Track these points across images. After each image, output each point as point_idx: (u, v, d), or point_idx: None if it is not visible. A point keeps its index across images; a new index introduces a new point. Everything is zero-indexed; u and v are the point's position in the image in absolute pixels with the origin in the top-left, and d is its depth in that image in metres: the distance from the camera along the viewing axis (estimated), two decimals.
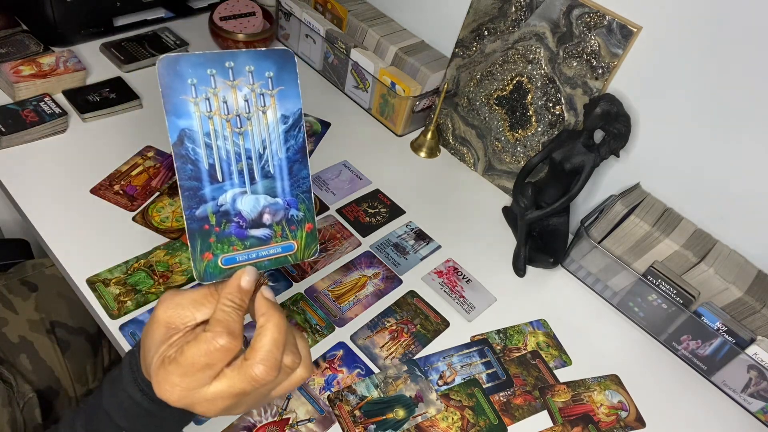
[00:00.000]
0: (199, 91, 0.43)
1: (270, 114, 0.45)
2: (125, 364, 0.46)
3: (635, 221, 0.78)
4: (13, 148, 0.82)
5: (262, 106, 0.45)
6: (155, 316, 0.43)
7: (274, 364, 0.40)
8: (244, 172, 0.45)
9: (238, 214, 0.45)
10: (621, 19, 0.76)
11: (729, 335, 0.73)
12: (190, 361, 0.39)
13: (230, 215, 0.44)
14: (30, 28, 0.99)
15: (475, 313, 0.79)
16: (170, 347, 0.41)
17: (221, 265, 0.45)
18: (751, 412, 0.76)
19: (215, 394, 0.40)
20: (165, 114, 0.42)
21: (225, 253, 0.45)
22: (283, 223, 0.46)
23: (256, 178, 0.45)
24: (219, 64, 0.43)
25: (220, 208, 0.44)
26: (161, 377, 0.40)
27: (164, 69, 0.41)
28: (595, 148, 0.80)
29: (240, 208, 0.45)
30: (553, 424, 0.69)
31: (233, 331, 0.40)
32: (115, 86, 0.94)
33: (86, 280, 0.69)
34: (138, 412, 0.45)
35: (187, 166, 0.43)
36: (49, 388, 0.76)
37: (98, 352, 0.83)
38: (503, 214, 0.94)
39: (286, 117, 0.45)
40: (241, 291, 0.43)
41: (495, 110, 0.94)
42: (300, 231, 0.47)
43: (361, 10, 1.08)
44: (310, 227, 0.47)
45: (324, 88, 1.10)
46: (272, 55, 0.44)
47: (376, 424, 0.64)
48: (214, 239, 0.44)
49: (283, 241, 0.46)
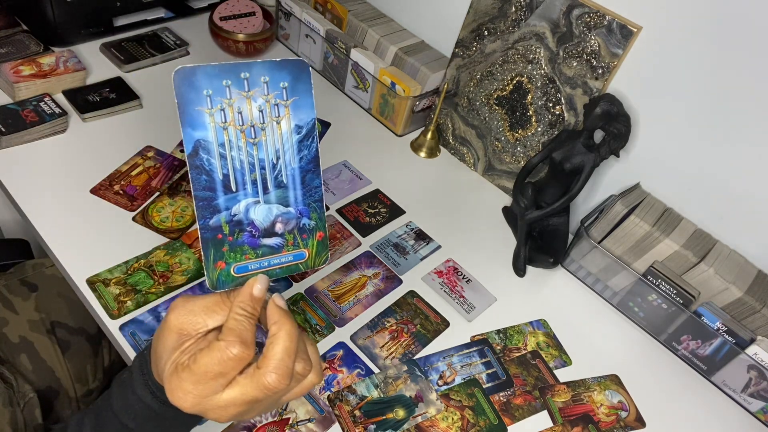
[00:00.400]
0: (214, 101, 0.43)
1: (284, 124, 0.45)
2: (135, 368, 0.47)
3: (635, 221, 0.78)
4: (13, 148, 0.82)
5: (277, 117, 0.45)
6: (167, 322, 0.43)
7: (286, 372, 0.41)
8: (258, 181, 0.45)
9: (251, 224, 0.45)
10: (621, 19, 0.76)
11: (729, 335, 0.73)
12: (204, 369, 0.40)
13: (243, 224, 0.45)
14: (30, 28, 0.99)
15: (475, 313, 0.79)
16: (183, 354, 0.42)
17: (234, 274, 0.45)
18: (751, 412, 0.76)
19: (228, 401, 0.40)
20: (180, 125, 0.42)
21: (237, 261, 0.45)
22: (295, 231, 0.47)
23: (270, 188, 0.45)
24: (234, 75, 0.43)
25: (233, 218, 0.45)
26: (174, 384, 0.40)
27: (180, 80, 0.42)
28: (595, 148, 0.80)
29: (253, 217, 0.45)
30: (553, 424, 0.69)
31: (246, 340, 0.41)
32: (115, 86, 0.94)
33: (86, 280, 0.69)
34: (148, 414, 0.45)
35: (202, 177, 0.43)
36: (49, 388, 0.76)
37: (98, 352, 0.83)
38: (503, 214, 0.94)
39: (300, 127, 0.46)
40: (253, 299, 0.43)
41: (495, 110, 0.94)
42: (311, 239, 0.48)
43: (361, 10, 1.08)
44: (321, 236, 0.48)
45: (324, 88, 1.10)
46: (287, 66, 0.45)
47: (376, 424, 0.64)
48: (227, 248, 0.44)
49: (295, 250, 0.47)
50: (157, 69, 1.02)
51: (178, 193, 0.82)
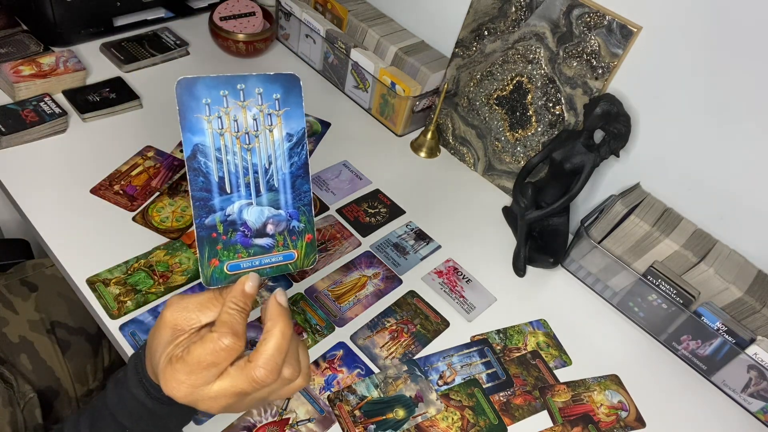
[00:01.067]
0: (212, 110, 0.46)
1: (276, 132, 0.48)
2: (130, 367, 0.48)
3: (635, 221, 0.78)
4: (13, 148, 0.82)
5: (269, 125, 0.48)
6: (163, 318, 0.45)
7: (274, 368, 0.43)
8: (251, 185, 0.48)
9: (243, 224, 0.48)
10: (621, 19, 0.76)
11: (729, 335, 0.73)
12: (197, 359, 0.41)
13: (236, 225, 0.48)
14: (30, 28, 0.99)
15: (475, 313, 0.79)
16: (177, 347, 0.43)
17: (227, 271, 0.48)
18: (751, 412, 0.76)
19: (218, 392, 0.42)
20: (181, 130, 0.45)
21: (230, 259, 0.48)
22: (285, 233, 0.49)
23: (262, 191, 0.48)
24: (231, 86, 0.46)
25: (227, 218, 0.47)
26: (169, 375, 0.42)
27: (182, 89, 0.45)
28: (595, 148, 0.80)
29: (246, 218, 0.48)
30: (553, 424, 0.69)
31: (237, 332, 0.43)
32: (115, 86, 0.94)
33: (86, 280, 0.69)
34: (142, 412, 0.47)
35: (199, 179, 0.46)
36: (49, 388, 0.76)
37: (98, 352, 0.83)
38: (503, 214, 0.94)
39: (291, 135, 0.49)
40: (245, 295, 0.45)
41: (495, 110, 0.94)
42: (300, 241, 0.50)
43: (361, 10, 1.08)
44: (310, 238, 0.50)
45: (324, 88, 1.10)
46: (280, 79, 0.48)
47: (376, 424, 0.64)
48: (221, 246, 0.47)
49: (285, 251, 0.50)
50: (157, 69, 1.02)
51: (178, 193, 0.82)
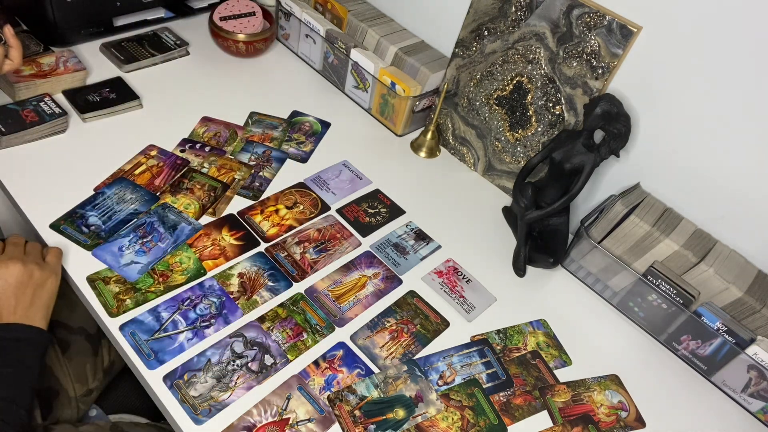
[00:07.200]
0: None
1: None
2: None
3: (635, 221, 0.78)
4: (13, 148, 0.82)
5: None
6: None
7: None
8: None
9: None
10: (621, 19, 0.76)
11: (729, 335, 0.73)
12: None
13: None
14: (30, 28, 0.99)
15: (475, 313, 0.79)
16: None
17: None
18: (751, 412, 0.76)
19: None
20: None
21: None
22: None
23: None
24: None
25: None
26: None
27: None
28: (595, 148, 0.80)
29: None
30: (553, 424, 0.69)
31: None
32: (115, 86, 0.94)
33: (86, 278, 0.70)
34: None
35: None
36: (49, 388, 0.75)
37: (98, 351, 0.83)
38: (503, 214, 0.94)
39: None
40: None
41: (495, 110, 0.94)
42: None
43: (361, 10, 1.08)
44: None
45: (324, 88, 1.10)
46: None
47: (376, 424, 0.64)
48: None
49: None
50: (157, 69, 1.02)
51: (180, 191, 0.82)
